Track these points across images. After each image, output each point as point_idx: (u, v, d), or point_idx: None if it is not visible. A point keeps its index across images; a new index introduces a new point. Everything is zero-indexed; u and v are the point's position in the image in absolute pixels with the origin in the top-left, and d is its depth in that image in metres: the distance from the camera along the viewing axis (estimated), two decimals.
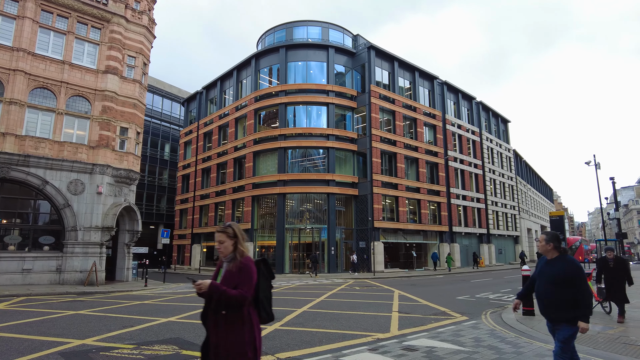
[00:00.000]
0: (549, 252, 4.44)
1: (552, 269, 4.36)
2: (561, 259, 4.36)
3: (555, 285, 4.27)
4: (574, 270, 4.22)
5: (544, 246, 4.46)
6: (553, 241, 4.42)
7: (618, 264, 9.57)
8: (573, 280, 4.19)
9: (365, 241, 31.79)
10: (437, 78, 42.03)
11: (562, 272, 4.25)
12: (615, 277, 9.49)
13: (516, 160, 59.98)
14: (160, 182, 48.54)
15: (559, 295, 4.22)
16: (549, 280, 4.34)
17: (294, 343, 7.29)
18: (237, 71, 38.49)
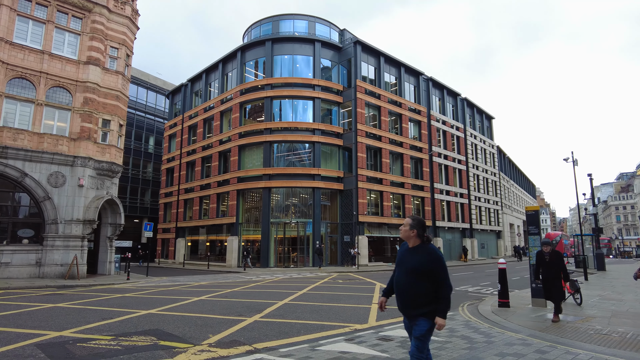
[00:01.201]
0: (411, 239, 3.99)
1: (412, 259, 3.92)
2: (423, 248, 3.93)
3: (414, 276, 3.84)
4: (436, 260, 3.82)
5: (407, 232, 3.99)
6: (417, 228, 3.97)
7: (554, 258, 8.94)
8: (434, 271, 3.79)
9: (350, 235, 32.04)
10: (422, 74, 42.35)
11: (424, 262, 3.84)
12: (551, 272, 8.88)
13: (499, 156, 60.93)
14: (144, 176, 48.02)
15: (418, 288, 3.81)
16: (408, 270, 3.90)
17: (272, 334, 7.40)
18: (223, 64, 38.18)
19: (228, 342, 6.76)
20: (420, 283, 3.79)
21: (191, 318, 9.09)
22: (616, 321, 8.62)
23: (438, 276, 3.79)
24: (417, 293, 3.80)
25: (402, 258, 4.04)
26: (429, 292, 3.78)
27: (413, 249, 3.98)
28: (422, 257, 3.86)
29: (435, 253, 3.87)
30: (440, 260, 3.83)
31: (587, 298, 12.12)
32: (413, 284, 3.82)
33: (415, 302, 3.80)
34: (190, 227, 38.72)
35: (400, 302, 3.95)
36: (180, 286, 16.88)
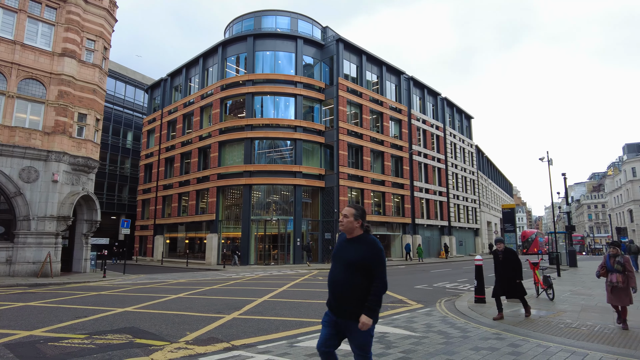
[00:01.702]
0: (355, 231, 3.62)
1: (351, 251, 3.53)
2: (363, 239, 3.57)
3: (352, 270, 3.46)
4: (375, 253, 3.47)
5: (352, 223, 3.61)
6: (362, 218, 3.66)
7: (508, 256, 8.72)
8: (372, 265, 3.45)
9: (331, 233, 32.14)
10: (403, 73, 42.73)
11: (363, 254, 3.47)
12: (506, 270, 8.66)
13: (478, 155, 62.06)
14: (122, 171, 47.03)
15: (356, 283, 3.43)
16: (346, 263, 3.50)
17: (251, 331, 7.38)
18: (204, 59, 37.67)
19: (206, 340, 6.70)
20: (356, 278, 3.43)
21: (168, 316, 8.97)
22: (585, 315, 8.91)
23: (375, 271, 3.43)
24: (355, 289, 3.42)
25: (339, 250, 3.64)
26: (366, 288, 3.44)
27: (352, 240, 3.61)
28: (361, 248, 3.50)
29: (376, 245, 3.50)
30: (380, 253, 3.49)
31: (559, 293, 12.49)
32: (349, 279, 3.44)
33: (354, 299, 3.41)
34: (169, 224, 38.15)
35: (335, 299, 3.50)
36: (158, 284, 16.62)
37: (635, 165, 65.36)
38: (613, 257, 7.84)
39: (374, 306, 3.37)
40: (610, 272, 7.77)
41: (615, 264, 7.72)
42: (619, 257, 7.75)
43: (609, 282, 7.76)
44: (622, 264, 7.64)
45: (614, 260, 7.77)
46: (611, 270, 7.74)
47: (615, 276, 7.63)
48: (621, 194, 72.30)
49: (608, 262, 7.88)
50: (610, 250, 8.03)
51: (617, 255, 7.83)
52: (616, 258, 7.79)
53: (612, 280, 7.63)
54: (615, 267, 7.67)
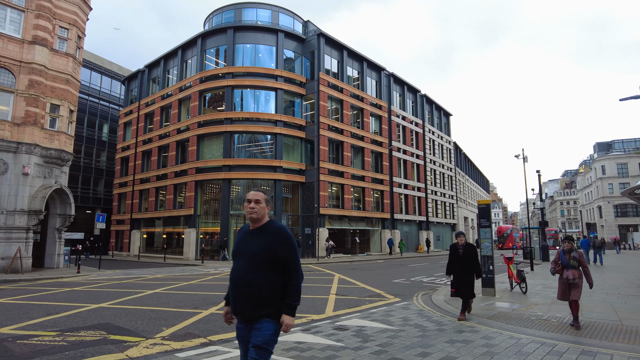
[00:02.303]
0: (263, 219, 3.13)
1: (256, 242, 3.04)
2: (269, 228, 3.09)
3: (258, 265, 2.97)
4: (286, 243, 3.03)
5: (263, 209, 3.11)
6: (270, 203, 3.27)
7: (468, 251, 8.23)
8: (284, 257, 3.00)
9: (311, 227, 32.18)
10: (384, 69, 42.95)
11: (272, 245, 3.00)
12: (465, 267, 8.16)
13: (456, 152, 63.09)
14: (97, 165, 45.81)
15: (263, 280, 2.94)
16: (250, 258, 3.00)
17: (228, 326, 7.30)
18: (182, 50, 36.94)
19: (182, 335, 6.63)
20: (265, 273, 2.96)
21: (144, 311, 8.82)
22: (555, 307, 9.21)
23: (288, 263, 3.00)
24: (261, 287, 2.93)
25: (241, 244, 3.12)
26: (277, 286, 2.98)
27: (257, 231, 3.11)
28: (268, 239, 3.03)
29: (285, 233, 3.07)
30: (292, 242, 3.06)
31: (532, 287, 12.85)
32: (256, 275, 2.95)
33: (259, 300, 2.92)
34: (146, 218, 37.45)
35: (237, 302, 2.99)
36: (135, 279, 16.33)
37: (604, 163, 67.67)
38: (568, 253, 7.49)
39: (295, 302, 2.99)
40: (565, 268, 7.44)
41: (570, 260, 7.40)
42: (574, 252, 7.46)
43: (564, 278, 7.38)
44: (577, 259, 7.37)
45: (570, 256, 7.44)
46: (567, 266, 7.41)
47: (571, 272, 7.31)
48: (591, 191, 74.81)
49: (563, 257, 7.51)
50: (564, 245, 7.65)
51: (572, 250, 7.51)
52: (571, 253, 7.47)
53: (569, 277, 7.29)
54: (572, 263, 7.36)
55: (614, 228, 64.60)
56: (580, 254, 7.42)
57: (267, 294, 2.94)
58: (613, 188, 65.06)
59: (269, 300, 2.95)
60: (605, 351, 5.65)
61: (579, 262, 7.33)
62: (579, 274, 7.30)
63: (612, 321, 7.73)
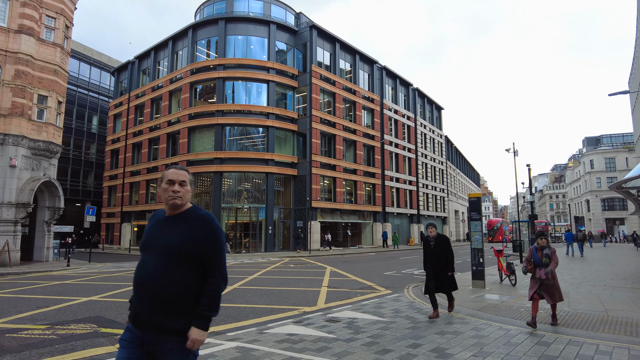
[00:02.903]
0: (186, 205, 2.48)
1: (172, 233, 2.36)
2: (192, 215, 2.44)
3: (173, 262, 2.29)
4: (213, 235, 2.39)
5: (187, 192, 2.46)
6: (194, 185, 2.59)
7: (439, 244, 7.63)
8: (209, 253, 2.35)
9: (303, 220, 32.20)
10: (376, 62, 42.88)
11: (194, 237, 2.34)
12: (439, 261, 7.58)
13: (447, 145, 63.40)
14: (87, 157, 45.26)
15: (177, 281, 2.27)
16: (163, 252, 2.32)
17: (220, 318, 7.33)
18: (173, 42, 36.49)
19: None
20: (182, 274, 2.29)
21: None
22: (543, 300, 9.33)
23: (210, 260, 2.36)
24: (174, 291, 2.26)
25: (153, 235, 2.43)
26: (195, 289, 2.31)
27: (176, 219, 2.43)
28: (190, 230, 2.37)
29: (213, 224, 2.42)
30: (219, 233, 2.42)
31: (521, 279, 13.01)
32: (169, 276, 2.27)
33: (171, 306, 2.25)
34: (137, 211, 37.18)
35: (145, 306, 2.28)
36: (125, 272, 16.24)
37: (593, 157, 68.54)
38: (541, 250, 6.92)
39: (211, 312, 2.31)
40: (538, 266, 6.85)
41: (543, 258, 6.83)
42: (547, 250, 6.88)
43: (537, 278, 6.77)
44: (549, 256, 6.82)
45: (542, 254, 6.86)
46: (539, 264, 6.83)
47: (543, 271, 6.72)
48: (580, 185, 75.82)
49: (535, 255, 6.94)
50: (538, 241, 7.06)
51: (545, 247, 6.92)
52: (544, 251, 6.88)
53: (541, 276, 6.69)
54: (544, 261, 6.80)
55: (601, 221, 65.65)
56: (553, 251, 6.91)
57: (181, 299, 2.26)
58: (601, 182, 65.99)
59: (183, 308, 2.27)
60: (591, 341, 5.76)
61: (551, 260, 6.83)
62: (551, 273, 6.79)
63: (598, 312, 7.88)
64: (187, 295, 2.29)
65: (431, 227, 7.77)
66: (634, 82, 28.85)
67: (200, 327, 2.27)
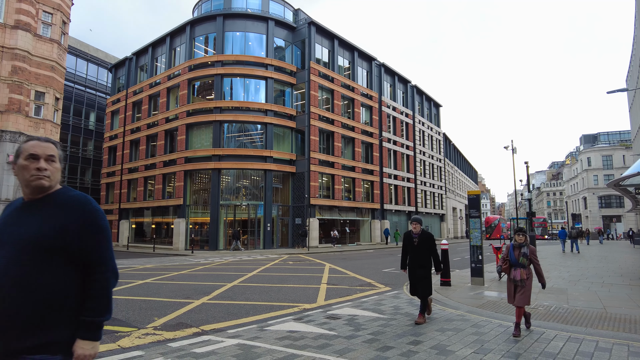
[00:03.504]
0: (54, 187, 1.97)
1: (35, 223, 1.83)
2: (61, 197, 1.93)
3: (38, 259, 1.76)
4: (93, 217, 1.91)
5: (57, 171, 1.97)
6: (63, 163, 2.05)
7: (423, 241, 6.99)
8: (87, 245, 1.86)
9: (302, 218, 32.21)
10: (375, 59, 42.82)
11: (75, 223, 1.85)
12: (421, 259, 6.94)
13: (445, 143, 63.48)
14: (84, 154, 45.13)
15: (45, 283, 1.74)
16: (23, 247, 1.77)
17: (220, 315, 7.33)
18: (171, 38, 36.33)
19: (174, 325, 6.61)
20: (47, 272, 1.76)
21: (135, 301, 8.78)
22: (543, 296, 9.38)
23: (93, 253, 1.87)
24: (37, 296, 1.73)
25: (3, 227, 1.86)
26: (68, 293, 1.80)
27: (37, 204, 1.89)
28: (54, 216, 1.84)
29: (88, 205, 1.92)
30: (99, 219, 1.93)
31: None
32: (29, 276, 1.74)
33: (31, 318, 1.70)
34: (135, 208, 37.11)
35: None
36: (124, 269, 16.21)
37: (590, 155, 68.75)
38: (518, 248, 6.18)
39: (100, 317, 1.85)
40: (514, 266, 6.18)
41: (520, 257, 6.13)
42: (524, 248, 6.14)
43: (511, 279, 6.13)
44: (527, 256, 6.11)
45: (519, 252, 6.14)
46: (516, 264, 6.15)
47: (519, 272, 6.07)
48: (577, 183, 76.06)
49: (512, 254, 6.21)
50: (515, 238, 6.32)
51: (523, 245, 6.19)
52: (522, 249, 6.15)
53: (516, 278, 6.05)
54: (521, 261, 6.11)
55: (598, 219, 65.92)
56: (532, 250, 6.17)
57: (49, 308, 1.73)
58: (598, 179, 66.24)
59: (51, 320, 1.74)
60: (591, 338, 5.79)
61: (530, 260, 6.13)
62: (527, 274, 6.07)
63: (597, 309, 7.92)
64: (55, 301, 1.74)
65: (415, 222, 7.05)
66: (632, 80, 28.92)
67: (87, 337, 1.78)
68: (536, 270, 6.13)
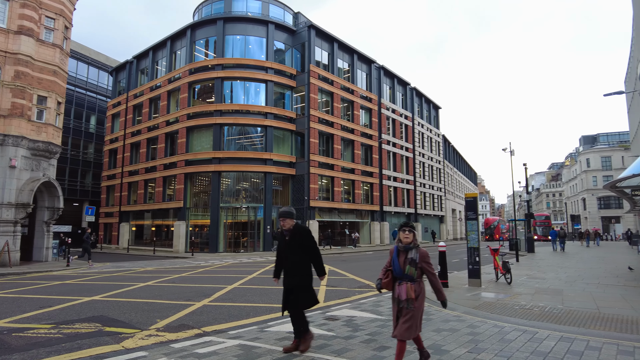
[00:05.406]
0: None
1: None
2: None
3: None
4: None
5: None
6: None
7: (296, 238, 5.32)
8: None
9: (301, 220, 32.36)
10: (374, 62, 43.04)
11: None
12: (294, 261, 5.25)
13: (445, 144, 63.67)
14: (85, 157, 45.30)
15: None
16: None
17: (222, 317, 7.49)
18: (171, 41, 36.56)
19: (176, 327, 6.77)
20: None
21: (138, 304, 8.93)
22: (538, 297, 9.54)
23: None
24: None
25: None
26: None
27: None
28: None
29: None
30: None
31: (516, 277, 13.23)
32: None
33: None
34: (135, 211, 37.27)
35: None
36: (125, 272, 16.37)
37: (589, 156, 68.90)
38: (404, 253, 4.33)
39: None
40: (399, 279, 4.31)
41: (406, 266, 4.26)
42: (413, 252, 4.30)
43: (395, 298, 4.29)
44: (416, 262, 4.25)
45: (405, 259, 4.29)
46: (401, 276, 4.29)
47: (405, 288, 4.20)
48: (576, 184, 76.17)
49: (396, 261, 4.35)
50: (400, 237, 4.40)
51: (410, 247, 4.33)
52: (408, 254, 4.30)
53: (401, 297, 4.19)
54: (407, 272, 4.25)
55: (597, 220, 66.03)
56: (424, 255, 4.31)
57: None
58: (597, 180, 66.36)
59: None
60: (583, 337, 5.94)
61: (421, 269, 4.29)
62: (417, 290, 4.21)
63: (590, 309, 8.07)
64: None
65: (283, 217, 5.38)
66: (630, 82, 29.09)
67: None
68: (432, 283, 4.31)
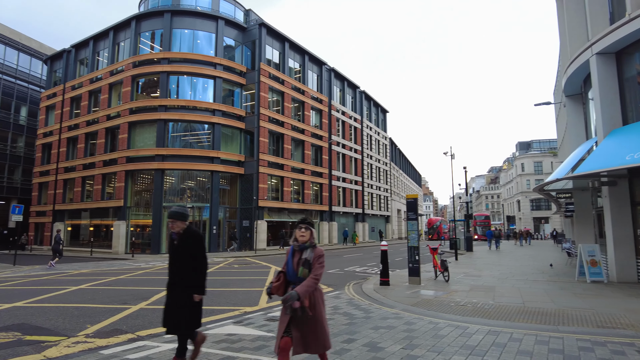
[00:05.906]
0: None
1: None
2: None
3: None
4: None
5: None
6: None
7: (186, 243, 4.51)
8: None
9: (249, 220, 31.95)
10: (325, 64, 43.44)
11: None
12: (180, 270, 4.47)
13: (391, 147, 65.63)
14: (13, 151, 41.78)
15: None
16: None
17: (158, 321, 7.17)
18: (114, 32, 34.67)
19: (108, 332, 6.43)
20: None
21: (67, 309, 8.39)
22: (473, 294, 10.08)
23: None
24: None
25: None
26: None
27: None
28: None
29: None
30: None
31: (454, 275, 13.90)
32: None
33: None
34: (71, 210, 34.96)
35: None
36: (57, 275, 15.31)
37: (524, 161, 73.97)
38: (299, 252, 3.86)
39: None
40: (293, 284, 3.80)
41: (300, 267, 3.77)
42: (308, 251, 3.81)
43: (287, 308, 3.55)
44: (310, 264, 3.74)
45: (300, 259, 3.81)
46: (294, 279, 3.78)
47: None
48: (512, 186, 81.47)
49: (290, 262, 3.85)
50: (296, 235, 3.92)
51: (306, 246, 3.84)
52: (303, 253, 3.83)
53: (294, 305, 3.51)
54: (301, 274, 3.73)
55: (530, 220, 71.02)
56: (318, 254, 3.80)
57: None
58: (530, 184, 71.36)
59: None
60: (508, 330, 6.37)
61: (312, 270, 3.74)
62: (311, 298, 3.70)
63: (517, 304, 8.66)
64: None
65: (176, 218, 4.53)
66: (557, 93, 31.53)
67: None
68: (302, 284, 3.64)
